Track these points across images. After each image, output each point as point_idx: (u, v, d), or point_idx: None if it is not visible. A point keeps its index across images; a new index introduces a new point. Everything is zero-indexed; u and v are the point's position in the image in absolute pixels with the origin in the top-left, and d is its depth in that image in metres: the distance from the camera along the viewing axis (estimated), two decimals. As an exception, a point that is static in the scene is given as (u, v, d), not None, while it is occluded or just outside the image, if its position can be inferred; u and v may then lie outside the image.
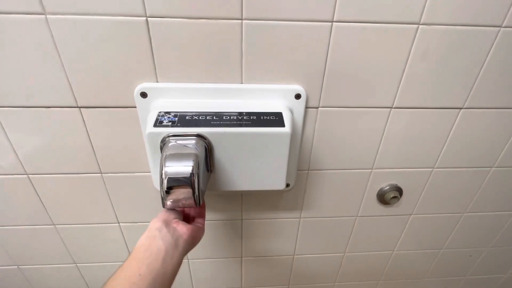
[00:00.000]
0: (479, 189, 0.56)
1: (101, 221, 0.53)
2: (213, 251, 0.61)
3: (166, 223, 0.33)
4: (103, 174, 0.47)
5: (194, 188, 0.31)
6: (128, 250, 0.58)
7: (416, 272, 0.71)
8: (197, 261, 0.62)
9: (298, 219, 0.57)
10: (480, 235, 0.65)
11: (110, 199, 0.50)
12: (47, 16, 0.33)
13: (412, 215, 0.59)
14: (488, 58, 0.40)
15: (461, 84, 0.43)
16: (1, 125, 0.41)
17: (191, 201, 0.32)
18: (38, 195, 0.49)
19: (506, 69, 0.42)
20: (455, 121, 0.46)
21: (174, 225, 0.34)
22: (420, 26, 0.37)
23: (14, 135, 0.42)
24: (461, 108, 0.45)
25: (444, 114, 0.45)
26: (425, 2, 0.35)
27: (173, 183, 0.31)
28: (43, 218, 0.51)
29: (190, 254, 0.59)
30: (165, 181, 0.31)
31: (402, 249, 0.65)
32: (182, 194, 0.32)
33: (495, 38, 0.39)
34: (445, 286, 0.75)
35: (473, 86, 0.43)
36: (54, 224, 0.53)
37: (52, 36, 0.34)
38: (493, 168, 0.53)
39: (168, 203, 0.32)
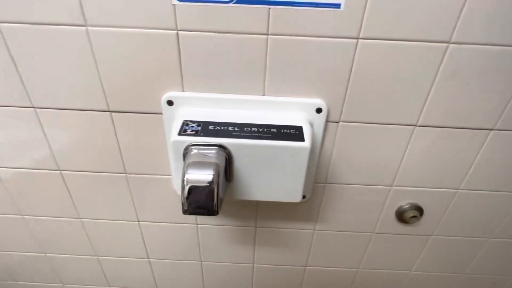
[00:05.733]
0: (507, 214, 0.53)
1: (122, 218, 0.56)
2: (226, 255, 0.62)
3: None
4: (127, 175, 0.50)
5: (213, 196, 0.33)
6: (146, 247, 0.61)
7: (434, 295, 0.68)
8: (209, 264, 0.63)
9: (313, 231, 0.56)
10: (507, 262, 0.61)
11: (132, 198, 0.53)
12: (88, 28, 0.36)
13: (432, 236, 0.56)
14: (523, 79, 0.38)
15: (492, 105, 0.41)
16: (40, 123, 0.44)
17: (210, 209, 0.33)
18: (68, 189, 0.52)
19: (544, 91, 0.39)
20: (484, 142, 0.44)
21: None
22: (451, 45, 0.36)
23: (51, 133, 0.45)
24: (491, 130, 0.43)
25: (473, 135, 0.43)
26: (457, 21, 0.34)
27: (194, 190, 0.33)
28: (70, 211, 0.55)
29: (203, 256, 0.61)
30: (186, 188, 0.33)
31: (420, 270, 0.63)
32: (201, 201, 0.33)
33: (532, 59, 0.37)
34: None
35: (505, 107, 0.41)
36: (80, 218, 0.56)
37: (91, 46, 0.37)
38: (524, 193, 0.50)
39: (188, 209, 0.33)
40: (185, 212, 0.33)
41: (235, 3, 0.34)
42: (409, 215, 0.51)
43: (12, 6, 0.35)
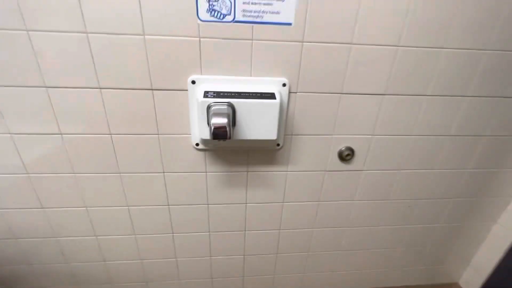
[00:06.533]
0: (406, 151, 0.83)
1: (151, 171, 0.78)
2: (225, 198, 0.85)
3: None
4: (159, 135, 0.73)
5: (227, 130, 0.58)
6: (167, 195, 0.83)
7: (371, 220, 0.97)
8: (213, 206, 0.87)
9: (286, 172, 0.83)
10: (416, 189, 0.92)
11: (160, 154, 0.75)
12: (145, 36, 0.60)
13: (363, 171, 0.86)
14: (394, 64, 0.69)
15: (379, 75, 0.71)
16: (103, 99, 0.66)
17: (225, 136, 0.58)
18: (114, 150, 0.74)
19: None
20: (381, 103, 0.74)
21: None
22: (353, 45, 0.65)
23: (108, 106, 0.67)
24: (383, 95, 0.73)
25: (371, 99, 0.73)
26: (354, 25, 0.64)
27: (217, 128, 0.57)
28: (113, 168, 0.76)
29: (209, 199, 0.84)
30: (212, 127, 0.57)
31: (360, 199, 0.92)
32: (221, 133, 0.58)
33: (396, 53, 0.67)
34: (391, 233, 1.02)
35: (388, 79, 0.71)
36: (120, 173, 0.77)
37: (146, 50, 0.61)
38: (412, 136, 0.81)
39: (214, 137, 0.58)
40: (213, 138, 0.58)
41: (234, 22, 0.60)
42: (345, 154, 0.79)
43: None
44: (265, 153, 0.79)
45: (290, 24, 0.62)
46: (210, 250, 0.96)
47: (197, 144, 0.74)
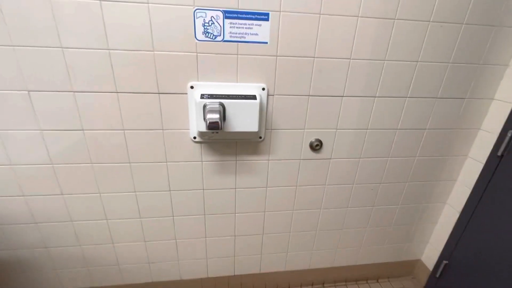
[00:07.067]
0: (364, 142, 1.03)
1: (156, 161, 0.94)
2: (218, 183, 1.02)
3: None
4: (164, 130, 0.90)
5: (219, 123, 0.75)
6: (169, 182, 0.99)
7: (341, 202, 1.16)
8: (207, 191, 1.03)
9: (268, 160, 1.01)
10: (377, 174, 1.11)
11: (164, 146, 0.92)
12: (155, 52, 0.78)
13: (331, 159, 1.05)
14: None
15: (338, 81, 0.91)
16: (119, 101, 0.83)
17: (218, 128, 0.75)
18: (127, 146, 0.90)
19: (358, 78, 0.91)
20: (341, 103, 0.94)
21: None
22: (316, 59, 0.85)
23: (123, 107, 0.84)
24: (342, 96, 0.93)
25: (332, 99, 0.93)
26: (316, 42, 0.84)
27: (211, 122, 0.75)
28: (124, 157, 0.92)
29: (205, 185, 1.01)
30: (208, 121, 0.75)
31: (330, 184, 1.10)
32: (214, 125, 0.75)
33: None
34: (359, 214, 1.20)
35: (345, 82, 0.91)
36: (129, 162, 0.93)
37: (155, 63, 0.79)
38: (368, 130, 1.01)
39: (209, 128, 0.76)
40: (209, 129, 0.75)
41: (223, 41, 0.79)
42: (315, 144, 0.98)
43: (120, 43, 0.76)
44: (250, 144, 0.97)
45: (266, 43, 0.81)
46: (205, 231, 1.12)
47: (194, 137, 0.91)
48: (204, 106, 0.78)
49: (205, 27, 0.77)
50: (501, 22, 0.90)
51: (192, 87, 0.83)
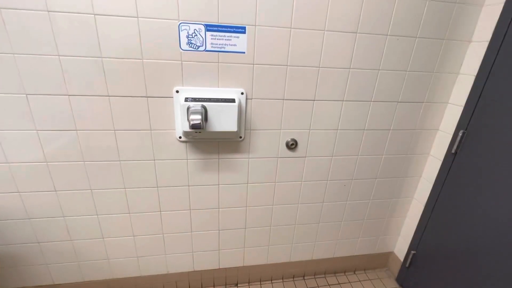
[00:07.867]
0: (335, 142, 1.14)
1: (144, 159, 1.02)
2: (202, 180, 1.11)
3: None
4: (151, 131, 0.98)
5: (201, 124, 0.85)
6: (156, 179, 1.07)
7: (317, 197, 1.26)
8: (193, 187, 1.12)
9: (248, 158, 1.10)
10: (348, 171, 1.22)
11: (152, 145, 1.01)
12: (143, 60, 0.87)
13: (306, 157, 1.15)
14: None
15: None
16: (110, 104, 0.92)
17: (200, 128, 0.85)
18: (117, 145, 0.98)
19: (327, 83, 1.02)
20: (313, 106, 1.05)
21: None
22: (289, 67, 0.96)
23: (114, 109, 0.93)
24: (313, 100, 1.04)
25: (305, 103, 1.04)
26: (287, 52, 0.95)
27: (194, 123, 0.84)
28: (114, 156, 1.00)
29: (190, 182, 1.09)
30: (191, 122, 0.84)
31: (306, 180, 1.20)
32: (197, 125, 0.85)
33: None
34: (334, 208, 1.31)
35: (317, 86, 1.02)
36: (119, 160, 1.01)
37: (143, 70, 0.88)
38: (338, 130, 1.12)
39: (192, 128, 0.85)
40: (192, 128, 0.85)
41: (205, 51, 0.89)
42: (290, 144, 1.08)
43: (112, 52, 0.85)
44: (231, 143, 1.06)
45: (244, 52, 0.92)
46: (191, 226, 1.20)
47: (180, 137, 1.00)
48: (188, 108, 0.88)
49: (189, 38, 0.87)
50: (450, 36, 1.04)
51: (177, 91, 0.92)
